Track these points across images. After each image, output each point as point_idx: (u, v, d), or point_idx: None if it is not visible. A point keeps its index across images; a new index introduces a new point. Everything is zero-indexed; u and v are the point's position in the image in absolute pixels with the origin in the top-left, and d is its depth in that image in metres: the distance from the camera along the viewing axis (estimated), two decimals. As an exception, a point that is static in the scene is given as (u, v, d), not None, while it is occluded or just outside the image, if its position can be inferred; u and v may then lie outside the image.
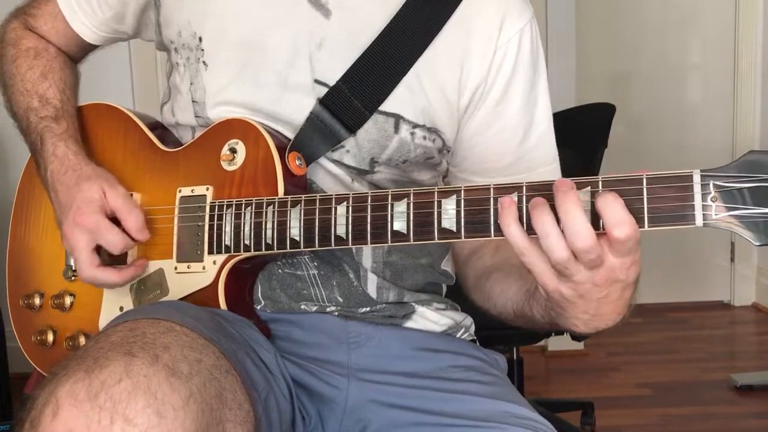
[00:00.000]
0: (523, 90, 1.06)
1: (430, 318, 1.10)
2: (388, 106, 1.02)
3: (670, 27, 3.95)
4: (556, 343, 3.20)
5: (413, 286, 1.10)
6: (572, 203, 0.75)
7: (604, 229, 0.75)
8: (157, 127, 1.13)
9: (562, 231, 0.75)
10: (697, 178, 0.74)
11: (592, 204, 0.77)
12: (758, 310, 3.87)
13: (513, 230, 0.78)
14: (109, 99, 1.17)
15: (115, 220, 1.02)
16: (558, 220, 0.76)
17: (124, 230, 1.02)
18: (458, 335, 1.14)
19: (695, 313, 3.83)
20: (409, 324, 1.09)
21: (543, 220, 0.76)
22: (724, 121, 3.94)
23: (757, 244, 0.74)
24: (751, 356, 3.41)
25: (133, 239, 1.02)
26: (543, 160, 1.09)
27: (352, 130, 1.01)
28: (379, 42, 1.01)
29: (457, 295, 1.17)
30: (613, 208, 0.74)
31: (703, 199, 0.74)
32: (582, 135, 2.31)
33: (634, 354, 3.29)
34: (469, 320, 1.16)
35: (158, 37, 1.11)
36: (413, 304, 1.09)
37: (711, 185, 0.74)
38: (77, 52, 1.22)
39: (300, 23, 1.02)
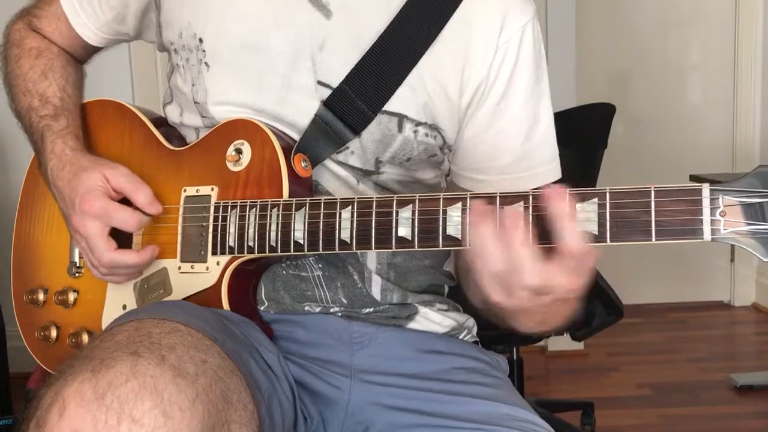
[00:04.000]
0: (525, 87, 1.06)
1: (433, 319, 1.10)
2: (391, 105, 1.02)
3: (670, 27, 3.95)
4: (556, 343, 3.20)
5: (417, 288, 1.10)
6: (518, 241, 0.77)
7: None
8: (163, 125, 1.13)
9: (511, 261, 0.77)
10: (706, 192, 0.74)
11: (600, 215, 0.77)
12: (758, 310, 3.87)
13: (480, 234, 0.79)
14: (109, 98, 1.17)
15: (124, 202, 1.02)
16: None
17: (135, 209, 1.01)
18: (461, 337, 1.14)
19: (695, 313, 3.83)
20: (412, 325, 1.09)
21: (480, 232, 0.79)
22: (724, 121, 3.94)
23: (766, 260, 0.74)
24: (751, 356, 3.41)
25: (145, 214, 1.02)
26: (544, 158, 1.09)
27: (357, 131, 1.01)
28: (381, 42, 1.01)
29: (459, 296, 1.17)
30: (567, 230, 0.76)
31: (712, 213, 0.74)
32: (582, 135, 2.31)
33: (634, 354, 3.29)
34: (471, 321, 1.16)
35: (159, 38, 1.11)
36: (416, 305, 1.09)
37: (720, 199, 0.74)
38: (81, 53, 1.22)
39: (301, 24, 1.01)
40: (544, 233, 0.78)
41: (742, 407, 2.72)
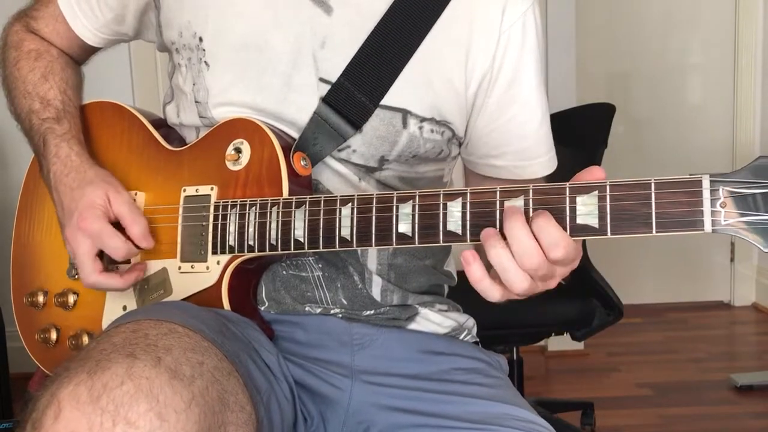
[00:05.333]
0: (535, 72, 1.06)
1: (433, 320, 1.10)
2: (394, 100, 1.01)
3: (670, 27, 3.95)
4: (556, 343, 3.20)
5: (417, 289, 1.10)
6: (518, 226, 0.78)
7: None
8: (162, 125, 1.13)
9: (512, 253, 0.78)
10: (706, 184, 0.74)
11: (600, 208, 0.77)
12: (758, 310, 3.87)
13: (485, 285, 0.81)
14: (110, 98, 1.17)
15: (118, 226, 1.02)
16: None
17: (127, 237, 1.02)
18: (461, 337, 1.14)
19: (695, 313, 3.83)
20: (413, 326, 1.09)
21: (498, 254, 0.79)
22: (724, 121, 3.94)
23: (767, 250, 0.73)
24: (751, 356, 3.41)
25: (136, 246, 1.02)
26: (552, 144, 1.11)
27: (358, 125, 1.00)
28: (377, 32, 1.00)
29: (459, 296, 1.17)
30: (546, 232, 0.77)
31: (713, 204, 0.74)
32: (582, 135, 2.31)
33: (634, 354, 3.29)
34: (471, 321, 1.16)
35: (159, 38, 1.11)
36: (416, 306, 1.09)
37: (720, 191, 0.74)
38: (80, 54, 1.21)
39: (302, 22, 1.01)
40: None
41: (742, 407, 2.72)
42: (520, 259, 0.78)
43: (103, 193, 1.02)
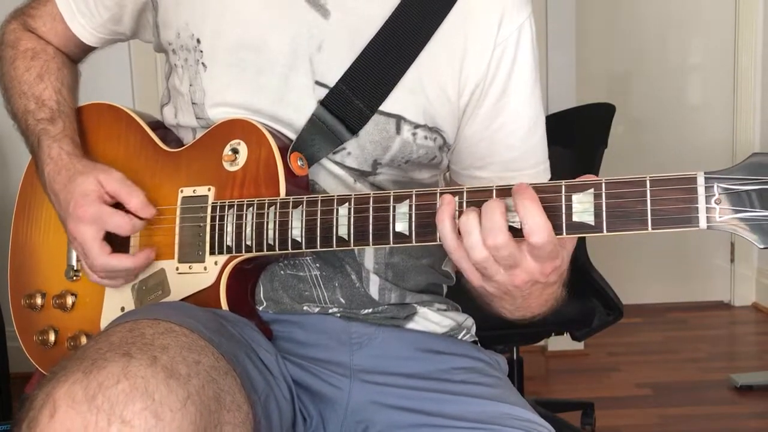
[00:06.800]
0: (526, 85, 1.06)
1: (432, 319, 1.10)
2: (389, 106, 1.01)
3: (670, 27, 3.95)
4: (556, 343, 3.20)
5: (415, 287, 1.10)
6: (495, 207, 0.79)
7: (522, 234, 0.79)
8: (159, 127, 1.13)
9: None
10: (701, 180, 0.75)
11: (596, 206, 0.77)
12: (758, 310, 3.87)
13: (445, 226, 0.82)
14: (109, 100, 1.17)
15: (118, 206, 1.02)
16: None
17: (128, 213, 1.01)
18: (460, 336, 1.14)
19: (695, 313, 3.83)
20: (411, 325, 1.09)
21: (467, 218, 0.80)
22: (724, 121, 3.94)
23: (762, 246, 0.74)
24: (751, 356, 3.41)
25: (139, 218, 1.02)
26: (544, 155, 1.10)
27: (354, 130, 1.01)
28: (377, 40, 1.01)
29: (458, 296, 1.17)
30: (530, 215, 0.77)
31: (707, 201, 0.74)
32: (582, 135, 2.31)
33: (634, 354, 3.29)
34: (470, 321, 1.16)
35: (156, 39, 1.11)
36: (415, 305, 1.09)
37: (715, 187, 0.74)
38: (77, 53, 1.21)
39: (299, 24, 1.01)
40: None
41: (742, 407, 2.72)
42: (485, 234, 0.79)
43: (93, 179, 1.02)
